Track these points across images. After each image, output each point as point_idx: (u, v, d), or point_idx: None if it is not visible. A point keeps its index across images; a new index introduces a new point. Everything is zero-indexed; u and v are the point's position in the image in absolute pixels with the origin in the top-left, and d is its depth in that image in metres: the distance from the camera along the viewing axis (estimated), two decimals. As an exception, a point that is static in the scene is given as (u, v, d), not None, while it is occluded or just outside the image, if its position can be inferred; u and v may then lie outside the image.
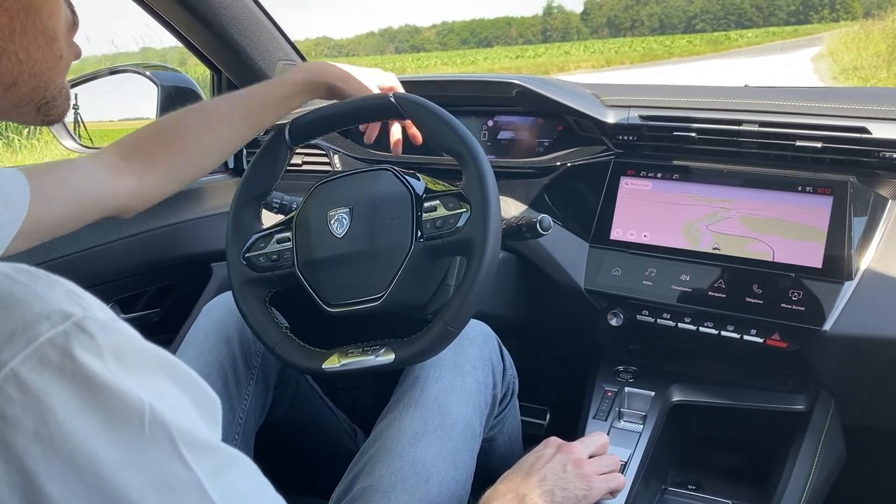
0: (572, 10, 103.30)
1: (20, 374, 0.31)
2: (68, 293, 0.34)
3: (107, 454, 0.32)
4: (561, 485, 0.83)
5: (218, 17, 1.35)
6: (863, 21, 20.25)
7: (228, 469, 0.37)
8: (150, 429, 0.33)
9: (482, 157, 0.90)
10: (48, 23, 0.45)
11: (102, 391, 0.33)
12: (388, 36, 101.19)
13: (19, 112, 0.47)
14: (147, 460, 0.33)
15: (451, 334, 0.88)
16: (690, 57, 27.05)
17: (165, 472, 0.34)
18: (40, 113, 0.48)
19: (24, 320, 0.32)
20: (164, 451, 0.34)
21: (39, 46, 0.45)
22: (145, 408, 0.33)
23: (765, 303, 1.00)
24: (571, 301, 1.15)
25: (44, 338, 0.32)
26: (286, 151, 1.05)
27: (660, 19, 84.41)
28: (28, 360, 0.31)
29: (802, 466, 1.04)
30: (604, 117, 1.17)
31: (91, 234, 1.23)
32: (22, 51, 0.44)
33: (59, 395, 0.32)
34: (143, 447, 0.33)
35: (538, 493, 0.80)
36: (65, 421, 0.31)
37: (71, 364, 0.32)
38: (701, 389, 1.12)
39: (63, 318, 0.33)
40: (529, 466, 0.84)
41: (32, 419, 0.31)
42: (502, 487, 0.82)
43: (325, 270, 0.98)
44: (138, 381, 0.34)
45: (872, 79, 10.78)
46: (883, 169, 1.01)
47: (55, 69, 0.47)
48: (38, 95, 0.47)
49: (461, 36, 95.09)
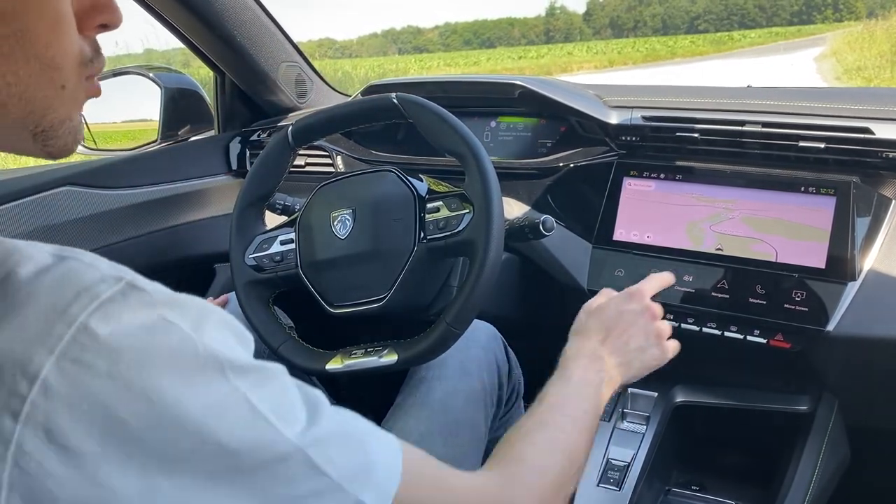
0: (575, 10, 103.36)
1: (89, 326, 0.37)
2: (111, 264, 0.40)
3: (171, 384, 0.38)
4: (640, 356, 0.83)
5: (221, 18, 1.35)
6: (866, 21, 20.23)
7: (268, 382, 0.43)
8: (204, 360, 0.40)
9: (485, 158, 0.90)
10: (44, 51, 0.44)
11: (161, 333, 0.38)
12: (391, 37, 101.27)
13: (15, 139, 0.47)
14: (203, 386, 0.39)
15: (454, 335, 0.88)
16: (693, 57, 27.04)
17: (217, 393, 0.40)
18: (37, 142, 0.47)
19: (85, 283, 0.38)
20: (215, 378, 0.40)
21: (32, 72, 0.44)
22: (197, 344, 0.40)
23: (768, 303, 1.00)
24: (574, 302, 1.15)
25: (105, 295, 0.38)
26: (289, 153, 1.06)
27: (662, 20, 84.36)
28: (95, 314, 0.37)
29: (806, 467, 1.04)
30: (606, 118, 1.17)
31: (95, 236, 1.23)
32: (10, 74, 0.43)
33: (125, 341, 0.37)
34: (199, 376, 0.39)
35: (616, 363, 0.80)
36: (133, 361, 0.37)
37: (131, 314, 0.38)
38: (704, 390, 1.12)
39: (117, 280, 0.39)
40: (612, 323, 0.83)
41: (105, 363, 0.36)
42: (584, 344, 0.81)
43: (329, 271, 0.98)
44: (188, 322, 0.40)
45: (876, 79, 10.77)
46: (886, 169, 1.01)
47: (55, 98, 0.46)
48: (32, 122, 0.46)
49: (464, 37, 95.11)
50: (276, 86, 1.52)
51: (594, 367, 0.79)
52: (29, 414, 0.35)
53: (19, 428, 0.35)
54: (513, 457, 0.66)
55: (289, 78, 1.54)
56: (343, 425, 0.48)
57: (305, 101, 1.60)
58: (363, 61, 33.94)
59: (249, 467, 0.41)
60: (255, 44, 1.43)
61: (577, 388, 0.76)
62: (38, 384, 0.35)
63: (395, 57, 57.76)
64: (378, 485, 0.47)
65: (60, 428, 0.36)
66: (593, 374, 0.78)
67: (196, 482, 0.39)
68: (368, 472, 0.47)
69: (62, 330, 0.36)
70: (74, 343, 0.36)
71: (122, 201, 1.30)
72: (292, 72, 1.55)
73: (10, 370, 0.35)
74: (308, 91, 1.60)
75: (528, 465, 0.65)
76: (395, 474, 0.49)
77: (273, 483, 0.42)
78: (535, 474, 0.64)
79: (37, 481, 0.35)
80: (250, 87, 1.53)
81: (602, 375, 0.78)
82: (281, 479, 0.42)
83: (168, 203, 1.41)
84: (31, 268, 0.38)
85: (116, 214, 1.28)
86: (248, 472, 0.41)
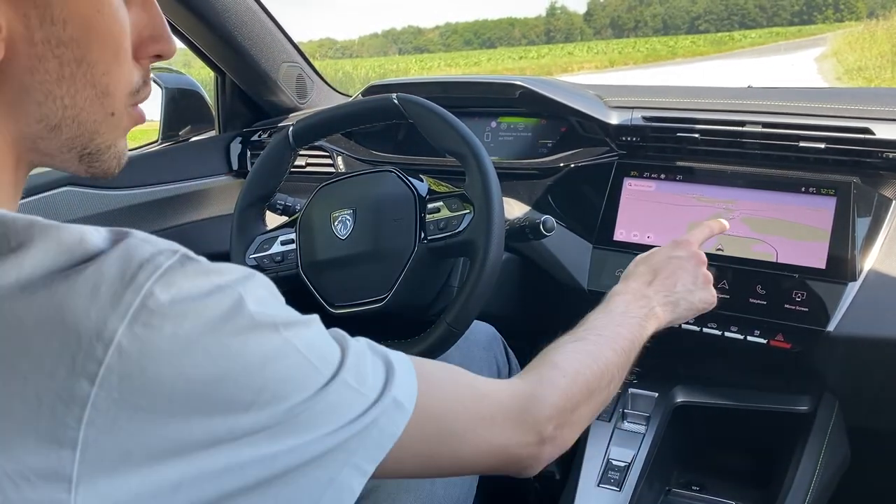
0: (575, 10, 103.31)
1: (154, 292, 0.40)
2: (162, 240, 0.43)
3: (229, 341, 0.42)
4: (687, 297, 0.84)
5: (221, 19, 1.35)
6: (867, 21, 20.25)
7: (308, 330, 0.48)
8: (257, 317, 0.43)
9: (485, 158, 0.90)
10: (102, 78, 0.49)
11: (217, 295, 0.42)
12: (392, 37, 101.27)
13: (63, 158, 0.51)
14: (255, 340, 0.43)
15: (455, 335, 0.89)
16: (694, 58, 27.03)
17: (268, 344, 0.44)
18: (83, 163, 0.52)
19: (146, 255, 0.41)
20: (268, 332, 0.44)
21: (88, 97, 0.49)
22: (248, 303, 0.43)
23: (768, 304, 1.00)
24: (575, 302, 1.15)
25: (165, 265, 0.41)
26: (289, 153, 1.06)
27: (663, 20, 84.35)
28: (159, 282, 0.40)
29: (806, 468, 1.04)
30: (607, 118, 1.17)
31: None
32: (68, 97, 0.48)
33: (186, 304, 0.41)
34: (254, 331, 0.43)
35: (662, 302, 0.82)
36: (195, 322, 0.41)
37: (189, 281, 0.41)
38: (704, 391, 1.12)
39: (173, 252, 0.42)
40: (659, 266, 0.85)
41: (171, 325, 0.40)
42: (629, 285, 0.83)
43: (329, 272, 0.98)
44: (237, 285, 0.44)
45: (877, 79, 10.78)
46: (886, 170, 1.01)
47: (104, 124, 0.51)
48: (81, 144, 0.50)
49: (464, 37, 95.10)
50: (277, 86, 1.52)
51: (638, 303, 0.80)
52: (104, 377, 0.38)
53: (95, 390, 0.38)
54: (544, 362, 0.68)
55: (289, 78, 1.54)
56: (364, 347, 0.53)
57: (306, 101, 1.60)
58: (364, 61, 33.96)
59: (303, 410, 0.45)
60: (255, 44, 1.43)
61: (618, 317, 0.77)
62: (112, 348, 0.38)
63: (395, 57, 57.82)
64: (401, 384, 0.51)
65: (133, 388, 0.39)
66: (636, 308, 0.79)
67: (255, 432, 0.43)
68: (391, 375, 0.51)
69: (131, 297, 0.39)
70: (143, 308, 0.39)
71: (122, 201, 1.31)
72: (293, 72, 1.55)
73: (87, 336, 0.38)
74: (309, 91, 1.60)
75: (559, 368, 0.67)
76: (410, 370, 0.54)
77: (323, 420, 0.46)
78: (567, 377, 0.66)
79: (111, 440, 0.38)
80: (251, 87, 1.53)
81: (645, 311, 0.79)
82: (327, 413, 0.46)
83: (168, 203, 1.41)
84: (99, 244, 0.41)
85: (117, 215, 1.28)
86: (301, 414, 0.45)
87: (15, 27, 0.44)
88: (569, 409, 0.64)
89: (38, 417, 0.38)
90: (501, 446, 0.60)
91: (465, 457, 0.58)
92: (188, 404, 0.40)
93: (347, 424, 0.47)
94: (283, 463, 0.44)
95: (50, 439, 0.38)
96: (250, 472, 0.43)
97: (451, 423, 0.56)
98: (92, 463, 0.38)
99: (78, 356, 0.38)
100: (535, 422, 0.61)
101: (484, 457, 0.59)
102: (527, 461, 0.62)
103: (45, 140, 0.49)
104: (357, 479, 0.48)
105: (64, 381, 0.38)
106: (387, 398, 0.50)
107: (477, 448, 0.58)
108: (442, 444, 0.56)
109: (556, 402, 0.63)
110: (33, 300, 0.39)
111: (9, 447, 0.38)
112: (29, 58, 0.46)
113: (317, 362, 0.47)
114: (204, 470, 0.41)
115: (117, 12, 0.49)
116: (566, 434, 0.65)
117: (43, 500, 0.38)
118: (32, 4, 0.45)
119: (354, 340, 0.52)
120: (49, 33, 0.46)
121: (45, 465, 0.37)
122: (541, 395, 0.63)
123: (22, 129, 0.48)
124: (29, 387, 0.38)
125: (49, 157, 0.51)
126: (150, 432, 0.39)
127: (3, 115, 0.47)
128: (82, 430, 0.38)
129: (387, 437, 0.49)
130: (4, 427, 0.38)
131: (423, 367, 0.56)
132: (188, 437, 0.41)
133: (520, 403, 0.61)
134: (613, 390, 0.73)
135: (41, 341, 0.38)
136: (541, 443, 0.62)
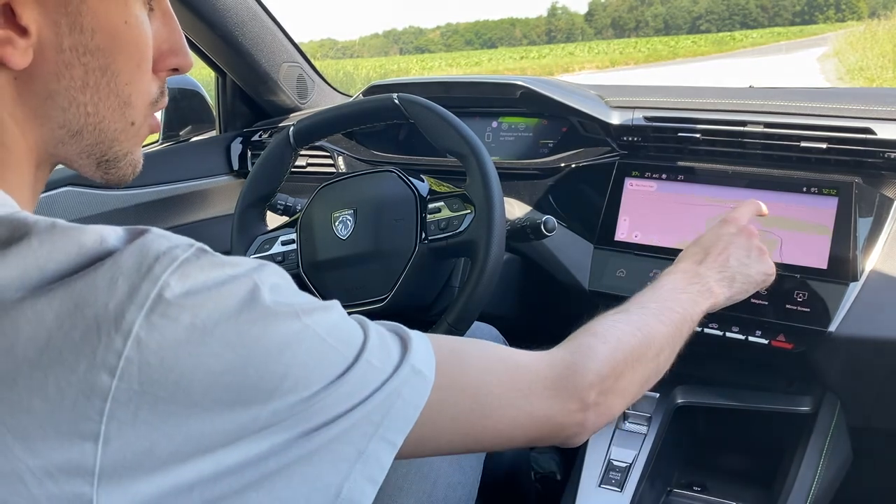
0: (576, 11, 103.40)
1: (171, 284, 0.40)
2: (177, 235, 0.44)
3: (247, 328, 0.42)
4: (743, 270, 0.83)
5: (222, 19, 1.35)
6: (868, 21, 20.24)
7: (328, 315, 0.48)
8: (275, 305, 0.44)
9: (486, 158, 0.90)
10: (124, 88, 0.50)
11: (233, 286, 0.43)
12: (393, 37, 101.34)
13: (81, 163, 0.52)
14: (274, 326, 0.43)
15: (456, 336, 0.88)
16: (695, 57, 27.03)
17: (287, 330, 0.44)
18: (100, 169, 0.53)
19: (162, 249, 0.42)
20: (287, 319, 0.44)
21: (110, 106, 0.50)
22: (264, 292, 0.44)
23: (770, 304, 1.00)
24: (576, 302, 1.15)
25: (182, 257, 0.42)
26: (290, 153, 1.06)
27: (664, 20, 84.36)
28: (175, 273, 0.41)
29: (808, 468, 1.04)
30: (608, 118, 1.17)
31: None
32: (91, 104, 0.49)
33: (203, 295, 0.41)
34: (273, 319, 0.44)
35: (717, 278, 0.81)
36: (212, 312, 0.41)
37: (204, 273, 0.42)
38: (706, 391, 1.12)
39: (189, 245, 0.43)
40: (710, 244, 0.84)
41: (188, 315, 0.40)
42: (679, 266, 0.82)
43: (330, 272, 0.98)
44: (253, 275, 0.44)
45: (878, 79, 10.77)
46: (888, 170, 1.01)
47: (123, 132, 0.52)
48: (100, 151, 0.52)
49: (465, 37, 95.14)
50: (278, 86, 1.52)
51: (689, 281, 0.79)
52: (124, 369, 0.38)
53: (115, 382, 0.38)
54: (584, 332, 0.67)
55: (290, 78, 1.54)
56: (380, 325, 0.53)
57: (307, 101, 1.60)
58: (365, 61, 33.98)
59: (327, 395, 0.45)
60: (256, 44, 1.43)
61: (666, 293, 0.76)
62: (131, 339, 0.39)
63: (396, 57, 57.84)
64: (417, 352, 0.51)
65: (152, 379, 0.39)
66: (686, 284, 0.78)
67: (279, 422, 0.43)
68: (407, 346, 0.52)
69: (149, 288, 0.40)
70: (160, 299, 0.40)
71: (122, 202, 1.31)
72: (294, 72, 1.55)
73: (106, 328, 0.39)
74: (309, 91, 1.60)
75: (599, 336, 0.66)
76: (424, 339, 0.53)
77: (347, 400, 0.46)
78: (608, 343, 0.65)
79: (133, 434, 0.39)
80: (252, 87, 1.53)
81: (698, 286, 0.78)
82: (352, 394, 0.46)
83: (169, 203, 1.41)
84: (116, 243, 0.42)
85: (117, 215, 1.29)
86: (326, 398, 0.45)
87: (45, 33, 0.46)
88: (612, 377, 0.63)
89: (59, 412, 0.38)
90: (543, 416, 0.59)
91: (503, 429, 0.57)
92: (209, 396, 0.41)
93: (369, 396, 0.47)
94: (310, 445, 0.44)
95: (72, 433, 0.38)
96: (273, 461, 0.43)
97: (484, 396, 0.55)
98: (114, 457, 0.38)
99: (98, 349, 0.38)
100: (575, 389, 0.60)
101: (525, 428, 0.58)
102: (572, 429, 0.62)
103: (66, 145, 0.50)
104: (386, 452, 0.48)
105: (84, 374, 0.38)
106: (405, 367, 0.50)
107: (515, 419, 0.57)
108: (477, 416, 0.55)
109: (597, 369, 0.62)
110: (53, 297, 0.39)
111: (31, 442, 0.38)
112: (56, 64, 0.47)
113: (339, 346, 0.47)
114: (228, 465, 0.42)
115: (142, 25, 0.51)
116: (612, 401, 0.64)
117: (66, 495, 0.38)
118: (63, 12, 0.46)
119: (374, 323, 0.53)
120: (77, 41, 0.47)
121: (67, 459, 0.38)
122: (580, 362, 0.62)
123: (44, 133, 0.49)
124: (50, 382, 0.38)
125: (67, 161, 0.52)
126: (172, 427, 0.40)
127: (28, 118, 0.48)
128: (104, 424, 0.38)
129: (411, 408, 0.49)
130: (26, 423, 0.38)
131: (448, 341, 0.56)
132: (210, 432, 0.41)
133: (558, 372, 0.60)
134: (664, 362, 0.72)
135: (61, 336, 0.38)
136: (584, 409, 0.61)
